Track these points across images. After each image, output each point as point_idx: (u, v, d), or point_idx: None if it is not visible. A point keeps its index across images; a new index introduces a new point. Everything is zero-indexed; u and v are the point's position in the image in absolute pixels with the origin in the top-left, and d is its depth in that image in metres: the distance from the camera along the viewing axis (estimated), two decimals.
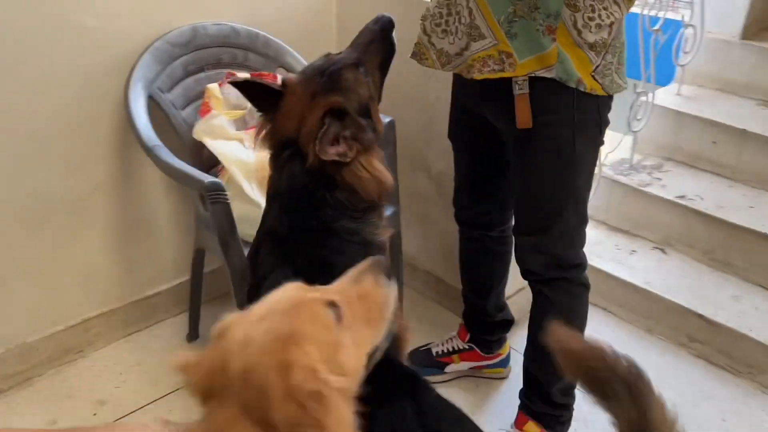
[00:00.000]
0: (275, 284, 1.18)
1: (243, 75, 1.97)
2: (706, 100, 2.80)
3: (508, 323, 2.10)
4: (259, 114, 1.43)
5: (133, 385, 2.09)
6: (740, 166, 2.62)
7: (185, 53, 2.01)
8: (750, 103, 2.78)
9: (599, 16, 1.39)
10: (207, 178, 1.69)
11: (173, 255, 2.31)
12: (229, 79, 1.47)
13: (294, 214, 1.33)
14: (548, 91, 1.46)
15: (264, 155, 1.87)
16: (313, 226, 1.32)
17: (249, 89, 1.43)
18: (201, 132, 1.93)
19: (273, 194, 1.39)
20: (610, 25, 1.41)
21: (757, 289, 2.33)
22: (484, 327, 2.08)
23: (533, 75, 1.45)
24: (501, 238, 1.93)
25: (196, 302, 2.21)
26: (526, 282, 1.76)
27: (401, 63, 1.54)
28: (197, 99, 2.05)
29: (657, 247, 2.55)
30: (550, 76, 1.44)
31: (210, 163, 2.03)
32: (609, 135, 1.70)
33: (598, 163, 1.97)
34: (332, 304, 0.89)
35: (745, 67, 2.82)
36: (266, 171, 1.87)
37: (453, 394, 2.04)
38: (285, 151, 1.36)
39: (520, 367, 1.87)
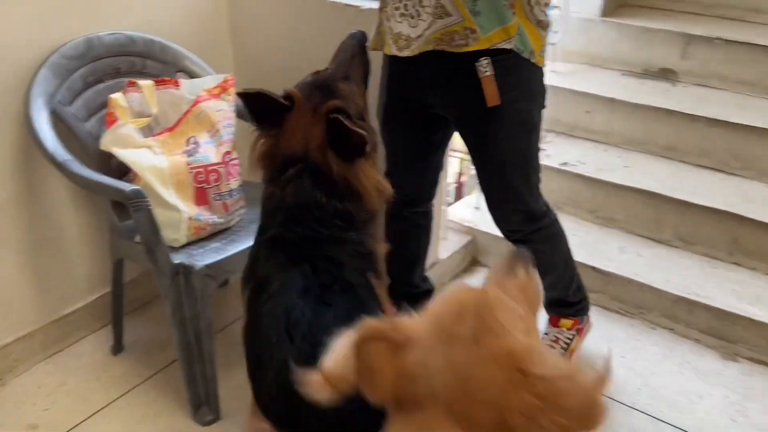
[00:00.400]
0: (291, 280, 1.25)
1: (145, 82, 2.00)
2: (577, 74, 3.07)
3: (430, 292, 2.26)
4: (256, 128, 1.45)
5: (63, 405, 2.05)
6: (612, 131, 2.91)
7: (82, 65, 1.99)
8: (615, 73, 3.08)
9: None
10: (128, 186, 1.71)
11: (87, 270, 2.27)
12: (238, 90, 1.46)
13: (302, 224, 1.37)
14: (508, 70, 1.61)
15: (178, 159, 1.92)
16: (322, 236, 1.36)
17: (255, 101, 1.43)
18: (108, 142, 1.92)
19: (274, 207, 1.41)
20: (547, 6, 1.62)
21: (638, 239, 2.62)
22: (410, 298, 2.21)
23: (494, 47, 1.57)
24: (426, 213, 2.13)
25: (118, 314, 2.20)
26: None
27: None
28: (100, 110, 2.03)
29: None
30: (510, 47, 1.58)
31: (118, 172, 2.02)
32: None
33: None
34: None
35: (607, 41, 3.11)
36: (182, 175, 1.91)
37: None
38: (289, 168, 1.39)
39: None
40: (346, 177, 1.40)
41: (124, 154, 1.89)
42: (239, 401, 2.05)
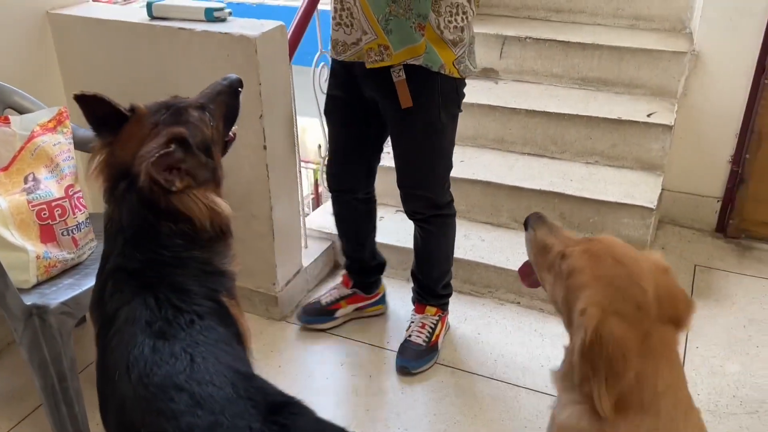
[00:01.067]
0: (135, 313, 1.22)
1: None
2: None
3: (382, 266, 2.52)
4: (95, 135, 1.38)
5: None
6: None
7: None
8: None
9: (455, 20, 1.84)
10: None
11: None
12: (75, 93, 1.36)
13: (142, 247, 1.30)
14: (420, 78, 1.88)
15: (18, 198, 1.86)
16: (165, 258, 1.30)
17: (92, 106, 1.36)
18: None
19: (114, 231, 1.34)
20: (463, 28, 1.86)
21: (480, 225, 2.86)
22: (364, 272, 2.45)
23: (406, 63, 1.85)
24: (366, 199, 2.35)
25: None
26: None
27: None
28: None
29: (399, 210, 2.95)
30: (419, 63, 1.86)
31: None
32: None
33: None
34: None
35: None
36: (23, 214, 1.86)
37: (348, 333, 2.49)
38: (121, 182, 1.31)
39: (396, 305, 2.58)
40: (168, 201, 1.31)
41: None
42: None
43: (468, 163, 2.95)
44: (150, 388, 1.11)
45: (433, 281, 2.36)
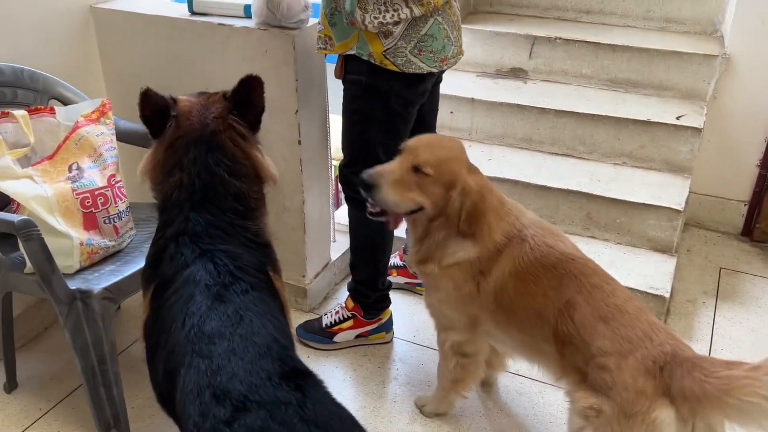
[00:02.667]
0: (195, 276, 1.34)
1: (20, 112, 1.98)
2: None
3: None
4: (149, 133, 1.53)
5: None
6: (474, 128, 3.17)
7: None
8: (471, 75, 3.35)
9: (383, 16, 1.87)
10: (16, 217, 1.70)
11: None
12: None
13: (207, 211, 1.44)
14: (352, 61, 1.99)
15: (63, 186, 1.92)
16: (223, 225, 1.44)
17: (150, 100, 1.49)
18: None
19: (183, 197, 1.46)
20: (396, 22, 1.88)
21: None
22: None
23: (343, 54, 2.00)
24: None
25: (10, 350, 2.14)
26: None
27: None
28: None
29: None
30: (352, 53, 1.97)
31: None
32: None
33: None
34: None
35: None
36: (68, 202, 1.92)
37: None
38: (192, 150, 1.46)
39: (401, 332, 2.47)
40: (244, 150, 1.51)
41: (5, 186, 1.87)
42: (146, 420, 2.08)
43: (496, 161, 2.98)
44: (198, 335, 1.24)
45: (369, 273, 2.31)
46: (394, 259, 2.63)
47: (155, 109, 1.49)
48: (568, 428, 1.68)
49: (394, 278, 2.58)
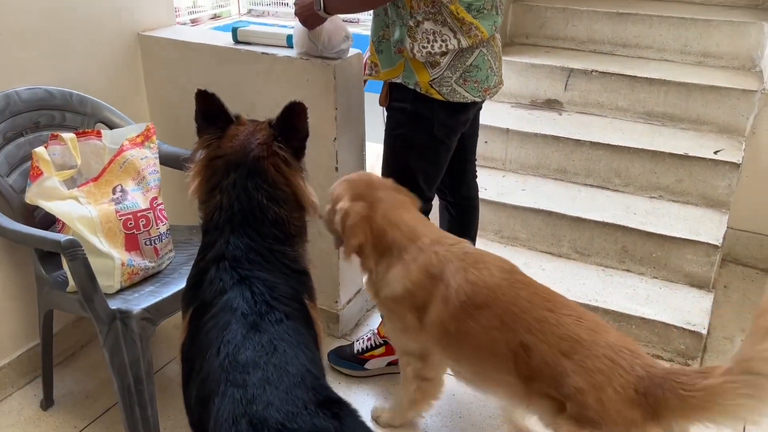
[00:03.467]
0: (232, 303, 1.36)
1: (68, 135, 2.04)
2: None
3: None
4: (203, 131, 1.57)
5: None
6: (508, 158, 3.17)
7: (2, 121, 2.00)
8: (506, 106, 3.36)
9: (432, 46, 1.91)
10: (62, 237, 1.74)
11: (9, 327, 2.24)
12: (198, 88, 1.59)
13: (246, 235, 1.46)
14: (398, 89, 2.04)
15: (107, 207, 1.97)
16: (261, 249, 1.46)
17: (207, 103, 1.56)
18: (34, 196, 1.94)
19: (223, 220, 1.49)
20: (443, 53, 1.92)
21: (540, 255, 2.87)
22: None
23: (389, 81, 2.05)
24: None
25: (48, 367, 2.18)
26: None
27: None
28: (21, 164, 2.05)
29: None
30: (398, 81, 2.02)
31: (43, 224, 2.04)
32: None
33: None
34: None
35: None
36: (111, 223, 1.96)
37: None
38: (232, 173, 1.50)
39: None
40: (286, 176, 1.53)
41: (51, 206, 1.92)
42: None
43: (530, 192, 2.98)
44: (233, 364, 1.26)
45: None
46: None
47: (215, 108, 1.56)
48: None
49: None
